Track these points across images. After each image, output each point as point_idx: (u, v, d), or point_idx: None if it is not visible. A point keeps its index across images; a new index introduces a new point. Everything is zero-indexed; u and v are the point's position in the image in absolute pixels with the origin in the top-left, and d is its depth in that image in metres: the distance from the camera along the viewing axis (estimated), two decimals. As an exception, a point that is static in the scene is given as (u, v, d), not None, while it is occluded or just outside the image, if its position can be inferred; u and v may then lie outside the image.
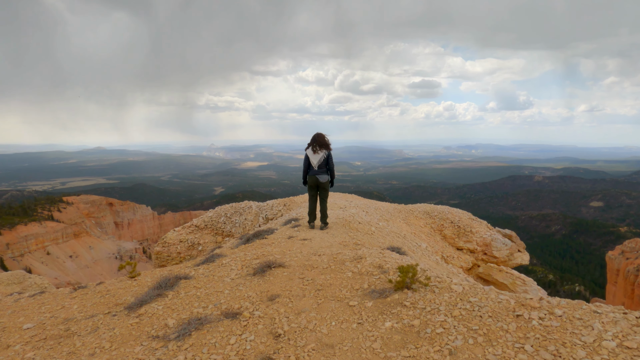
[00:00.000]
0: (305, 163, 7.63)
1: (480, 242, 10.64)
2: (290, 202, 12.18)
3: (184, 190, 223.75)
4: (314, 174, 7.57)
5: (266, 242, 6.75)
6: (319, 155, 7.53)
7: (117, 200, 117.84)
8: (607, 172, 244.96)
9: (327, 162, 7.69)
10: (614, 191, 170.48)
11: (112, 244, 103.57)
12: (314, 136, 7.61)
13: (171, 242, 12.78)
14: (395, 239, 8.44)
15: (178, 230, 13.21)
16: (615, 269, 73.57)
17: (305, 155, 7.64)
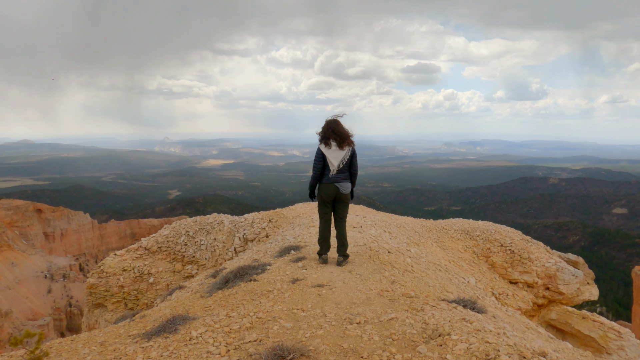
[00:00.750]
0: (318, 165, 6.18)
1: (541, 272, 9.28)
2: (278, 217, 10.58)
3: (131, 193, 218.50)
4: (333, 181, 6.16)
5: (258, 287, 5.15)
6: (342, 152, 6.10)
7: (47, 206, 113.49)
8: (632, 174, 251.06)
9: (351, 163, 6.25)
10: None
11: (40, 260, 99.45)
12: (329, 124, 6.13)
13: (111, 272, 11.03)
14: (438, 273, 6.97)
15: (121, 255, 11.46)
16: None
17: (319, 153, 6.19)
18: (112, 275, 11.01)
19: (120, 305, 10.92)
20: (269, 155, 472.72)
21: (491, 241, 9.68)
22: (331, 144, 6.06)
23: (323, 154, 6.11)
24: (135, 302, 10.85)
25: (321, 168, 6.15)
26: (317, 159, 6.15)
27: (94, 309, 11.15)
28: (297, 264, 5.92)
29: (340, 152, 6.07)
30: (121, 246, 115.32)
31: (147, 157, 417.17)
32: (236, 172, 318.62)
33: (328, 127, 6.11)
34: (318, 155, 6.16)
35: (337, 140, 6.03)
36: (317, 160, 6.15)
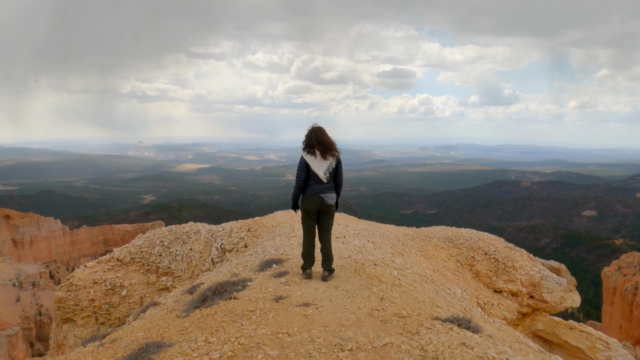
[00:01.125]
0: (302, 175, 5.89)
1: (526, 281, 9.16)
2: (257, 226, 10.22)
3: (104, 198, 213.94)
4: (317, 191, 5.88)
5: (238, 306, 4.80)
6: (327, 162, 5.84)
7: (15, 212, 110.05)
8: (601, 177, 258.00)
9: (336, 173, 6.00)
10: (608, 198, 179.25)
11: (8, 268, 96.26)
12: (313, 131, 5.86)
13: (81, 285, 10.49)
14: (425, 285, 6.74)
15: (91, 267, 10.92)
16: (611, 287, 76.17)
17: (303, 163, 5.90)
18: (82, 289, 10.46)
19: (90, 320, 10.38)
20: (245, 160, 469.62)
21: (475, 249, 9.52)
22: (315, 153, 5.79)
23: (307, 163, 5.83)
24: (107, 317, 10.34)
25: (305, 178, 5.87)
26: (301, 169, 5.85)
27: (62, 324, 10.58)
28: (280, 280, 5.59)
29: (324, 162, 5.81)
30: (93, 253, 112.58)
31: (120, 161, 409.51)
32: (212, 176, 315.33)
33: (312, 135, 5.84)
34: (302, 165, 5.85)
35: (321, 149, 5.77)
36: (300, 170, 5.85)
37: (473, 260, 9.35)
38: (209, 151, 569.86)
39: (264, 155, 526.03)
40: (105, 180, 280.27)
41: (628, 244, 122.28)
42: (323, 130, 5.86)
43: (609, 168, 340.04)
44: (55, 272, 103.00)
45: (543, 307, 9.31)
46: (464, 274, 9.13)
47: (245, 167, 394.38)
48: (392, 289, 5.47)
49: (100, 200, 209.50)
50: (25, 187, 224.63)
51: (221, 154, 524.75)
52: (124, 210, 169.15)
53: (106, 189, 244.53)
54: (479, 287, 8.94)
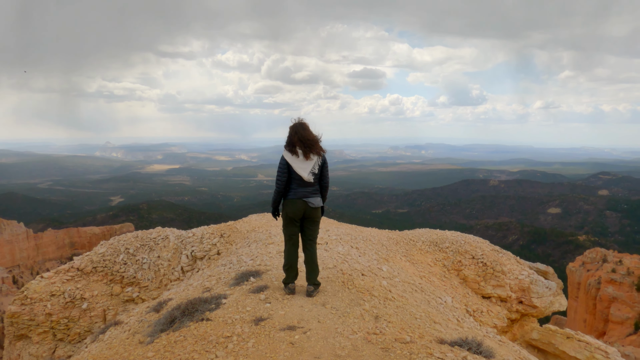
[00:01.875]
0: (283, 177, 5.21)
1: (515, 286, 8.73)
2: (231, 232, 9.48)
3: (70, 200, 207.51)
4: (301, 196, 5.19)
5: (212, 331, 4.10)
6: (311, 162, 5.17)
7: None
8: (565, 176, 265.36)
9: (322, 174, 5.34)
10: (572, 196, 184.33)
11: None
12: (294, 128, 5.22)
13: (37, 297, 9.56)
14: (416, 295, 6.19)
15: (48, 277, 9.99)
16: (576, 282, 78.14)
17: (284, 163, 5.22)
18: (38, 302, 9.53)
19: (47, 336, 9.46)
20: (216, 160, 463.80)
21: (462, 253, 9.04)
22: (297, 152, 5.13)
23: (288, 163, 5.16)
24: (66, 332, 9.43)
25: (286, 180, 5.20)
26: (281, 170, 5.17)
27: (15, 341, 9.61)
28: (259, 296, 4.91)
29: (308, 162, 5.15)
30: (59, 257, 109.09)
31: (87, 162, 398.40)
32: (182, 177, 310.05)
33: (293, 131, 5.18)
34: (282, 165, 5.18)
35: (303, 147, 5.12)
36: (281, 172, 5.18)
37: (460, 265, 8.87)
38: (178, 151, 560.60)
39: (235, 155, 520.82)
40: (71, 181, 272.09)
41: (591, 240, 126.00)
42: (306, 126, 5.21)
43: (572, 167, 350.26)
44: (18, 277, 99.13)
45: (532, 312, 8.91)
46: (451, 280, 8.64)
47: (216, 167, 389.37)
48: (385, 304, 4.88)
49: (66, 202, 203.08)
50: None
51: (191, 155, 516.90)
52: (91, 212, 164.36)
53: (72, 191, 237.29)
54: (468, 293, 8.47)
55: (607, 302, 68.71)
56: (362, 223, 50.39)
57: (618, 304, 67.07)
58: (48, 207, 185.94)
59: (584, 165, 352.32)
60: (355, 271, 5.94)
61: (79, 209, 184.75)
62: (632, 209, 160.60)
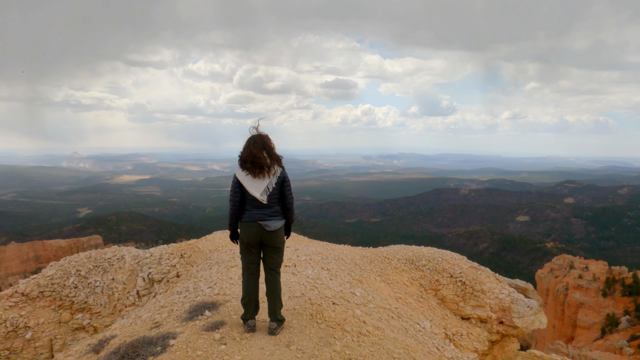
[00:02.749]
0: (235, 197, 4.57)
1: (495, 306, 8.24)
2: (192, 252, 8.72)
3: (34, 212, 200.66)
4: (255, 218, 4.53)
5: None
6: (265, 180, 4.51)
7: None
8: (532, 184, 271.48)
9: (282, 193, 4.69)
10: (540, 204, 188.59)
11: None
12: (251, 140, 4.56)
13: (-26, 327, 8.56)
14: (392, 323, 5.61)
15: (-11, 304, 9.00)
16: (545, 288, 79.43)
17: (235, 181, 4.58)
18: (-24, 332, 8.55)
19: (-15, 370, 8.49)
20: (187, 170, 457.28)
21: (439, 271, 8.51)
22: (251, 169, 4.49)
23: (238, 182, 4.54)
24: (7, 366, 8.48)
25: (239, 200, 4.57)
26: (233, 189, 4.56)
27: (-51, 377, 8.60)
28: (214, 335, 4.22)
29: (261, 181, 4.50)
30: (23, 271, 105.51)
31: (53, 173, 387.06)
32: (152, 187, 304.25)
33: (246, 146, 4.54)
34: (234, 183, 4.57)
35: (251, 165, 4.48)
36: (233, 190, 4.56)
37: (438, 284, 8.34)
38: (149, 162, 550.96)
39: (206, 165, 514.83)
40: (36, 193, 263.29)
41: (558, 247, 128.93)
42: (257, 140, 4.53)
43: (539, 175, 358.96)
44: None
45: (513, 332, 8.44)
46: (428, 300, 8.09)
47: (188, 177, 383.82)
48: (359, 342, 4.27)
49: (30, 214, 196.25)
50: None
51: (162, 165, 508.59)
52: (57, 224, 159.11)
53: (37, 203, 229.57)
54: (446, 315, 7.93)
55: (575, 308, 69.92)
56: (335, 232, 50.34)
57: (585, 309, 68.27)
58: (11, 220, 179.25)
59: (550, 174, 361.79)
60: (325, 299, 5.32)
61: (45, 221, 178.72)
62: (597, 216, 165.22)
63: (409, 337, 5.62)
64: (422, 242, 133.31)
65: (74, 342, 8.51)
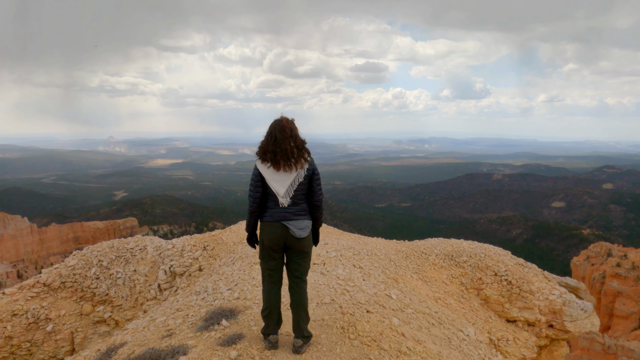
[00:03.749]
0: (256, 192, 3.88)
1: (545, 308, 7.45)
2: (215, 244, 8.22)
3: (73, 195, 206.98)
4: (280, 218, 3.83)
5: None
6: (291, 174, 3.81)
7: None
8: (569, 169, 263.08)
9: (310, 190, 3.96)
10: (576, 190, 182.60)
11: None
12: (272, 128, 3.86)
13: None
14: (433, 331, 4.91)
15: (11, 294, 8.77)
16: (580, 276, 77.00)
17: (256, 174, 3.86)
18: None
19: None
20: (219, 155, 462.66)
21: (482, 269, 7.76)
22: (275, 161, 3.79)
23: (261, 175, 3.85)
24: (28, 358, 8.23)
25: (260, 197, 3.88)
26: (254, 183, 3.87)
27: (-28, 368, 8.42)
28: (230, 353, 3.64)
29: (287, 175, 3.80)
30: (63, 251, 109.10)
31: (90, 157, 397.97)
32: (185, 171, 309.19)
33: (269, 132, 3.86)
34: (255, 177, 3.87)
35: (273, 157, 3.78)
36: (253, 185, 3.88)
37: (480, 283, 7.59)
38: (181, 146, 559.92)
39: (237, 149, 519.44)
40: (75, 176, 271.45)
41: (595, 234, 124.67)
42: (285, 127, 3.83)
43: (576, 160, 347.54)
44: (23, 272, 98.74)
45: (564, 337, 7.64)
46: (470, 301, 7.37)
47: (219, 162, 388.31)
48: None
49: (69, 197, 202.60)
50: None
51: (194, 149, 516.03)
52: (94, 207, 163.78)
53: (76, 186, 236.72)
54: (490, 318, 7.20)
55: (612, 297, 67.78)
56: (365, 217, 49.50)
57: (623, 299, 66.18)
58: (52, 202, 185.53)
59: (588, 159, 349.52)
60: (358, 307, 4.68)
61: (83, 203, 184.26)
62: (637, 203, 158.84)
63: (452, 349, 4.95)
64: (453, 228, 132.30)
65: (95, 336, 8.19)
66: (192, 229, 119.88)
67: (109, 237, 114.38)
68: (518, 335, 7.12)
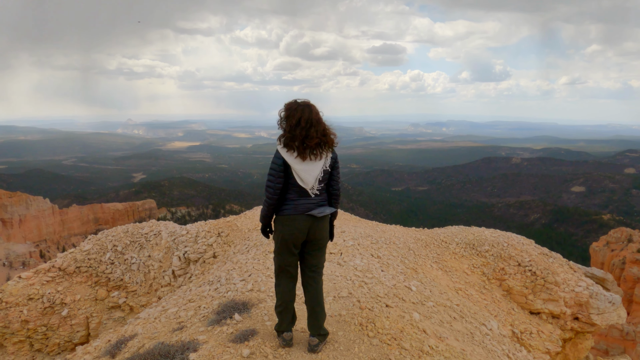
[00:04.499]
0: (277, 183, 3.54)
1: (570, 300, 7.15)
2: (230, 230, 8.05)
3: (93, 177, 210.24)
4: (304, 210, 3.55)
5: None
6: (318, 163, 3.53)
7: (3, 191, 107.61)
8: (590, 153, 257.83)
9: (331, 179, 3.70)
10: (597, 175, 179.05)
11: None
12: (300, 111, 3.49)
13: (12, 301, 8.35)
14: (455, 326, 4.67)
15: (27, 278, 8.76)
16: (599, 262, 75.83)
17: (280, 163, 3.53)
18: (14, 307, 8.33)
19: (24, 345, 8.28)
20: (235, 137, 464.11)
21: (505, 259, 7.46)
22: (301, 149, 3.47)
23: (286, 164, 3.51)
24: (44, 342, 8.24)
25: (281, 188, 3.55)
26: (276, 172, 3.51)
27: (-10, 350, 8.47)
28: (242, 350, 3.46)
29: (315, 163, 3.51)
30: (84, 232, 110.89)
31: (109, 139, 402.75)
32: (202, 154, 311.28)
33: (298, 117, 3.47)
34: (277, 166, 3.51)
35: (311, 141, 3.45)
36: (275, 175, 3.52)
37: (503, 274, 7.31)
38: (199, 129, 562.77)
39: (254, 132, 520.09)
40: (94, 158, 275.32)
41: (615, 219, 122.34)
42: (313, 110, 3.51)
43: (598, 144, 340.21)
44: (45, 252, 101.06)
45: (589, 330, 7.34)
46: (492, 292, 7.10)
47: (236, 144, 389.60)
48: (421, 364, 3.41)
49: (89, 178, 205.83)
50: (12, 166, 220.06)
51: (211, 132, 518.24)
52: (114, 189, 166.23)
53: (95, 168, 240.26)
54: (512, 309, 6.93)
55: (632, 283, 66.73)
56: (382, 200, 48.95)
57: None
58: (72, 183, 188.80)
59: (610, 143, 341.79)
60: (377, 301, 4.46)
61: (102, 185, 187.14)
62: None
63: (475, 345, 4.71)
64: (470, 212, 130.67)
65: (110, 322, 8.15)
66: (209, 211, 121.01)
67: (129, 218, 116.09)
68: (542, 328, 6.85)
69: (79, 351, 4.92)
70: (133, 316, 7.41)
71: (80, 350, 4.90)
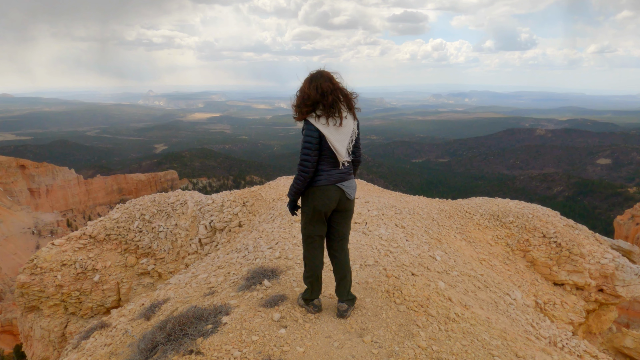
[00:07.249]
0: (313, 156, 3.51)
1: (595, 272, 7.12)
2: (255, 200, 8.17)
3: (116, 148, 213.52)
4: (337, 180, 3.60)
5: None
6: (349, 130, 3.59)
7: (30, 162, 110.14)
8: (617, 125, 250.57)
9: (356, 145, 3.80)
10: (624, 146, 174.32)
11: (27, 216, 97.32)
12: (322, 78, 3.51)
13: (47, 267, 8.69)
14: (479, 295, 4.73)
15: (60, 245, 9.07)
16: (624, 235, 74.59)
17: (316, 135, 3.51)
18: (49, 272, 8.67)
19: (59, 309, 8.65)
20: (255, 108, 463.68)
21: (529, 230, 7.43)
22: (335, 117, 3.47)
23: (322, 135, 3.48)
24: (78, 306, 8.59)
25: (316, 159, 3.51)
26: (313, 145, 3.48)
27: (27, 313, 8.87)
28: (273, 314, 3.58)
29: (345, 130, 3.54)
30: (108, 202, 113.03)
31: (131, 110, 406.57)
32: (223, 125, 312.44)
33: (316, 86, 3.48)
34: (313, 138, 3.48)
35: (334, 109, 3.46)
36: (312, 148, 3.49)
37: (527, 245, 7.30)
38: (219, 100, 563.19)
39: (274, 103, 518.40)
40: (117, 129, 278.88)
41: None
42: (332, 77, 3.57)
43: (626, 115, 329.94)
44: (72, 221, 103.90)
45: (614, 302, 7.33)
46: (515, 263, 7.11)
47: (256, 115, 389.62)
48: (447, 331, 3.48)
49: (112, 149, 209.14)
50: (38, 137, 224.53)
51: (231, 103, 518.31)
52: (136, 159, 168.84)
53: (118, 139, 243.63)
54: (536, 280, 6.94)
55: (658, 258, 65.52)
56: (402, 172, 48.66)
57: (669, 260, 63.91)
58: (96, 154, 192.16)
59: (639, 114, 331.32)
60: (403, 269, 4.52)
61: (125, 156, 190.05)
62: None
63: (500, 314, 4.76)
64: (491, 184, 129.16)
65: (139, 287, 8.43)
66: (230, 182, 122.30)
67: (151, 189, 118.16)
68: (566, 299, 6.86)
69: (114, 314, 5.13)
70: (162, 282, 7.65)
71: (115, 313, 5.11)
